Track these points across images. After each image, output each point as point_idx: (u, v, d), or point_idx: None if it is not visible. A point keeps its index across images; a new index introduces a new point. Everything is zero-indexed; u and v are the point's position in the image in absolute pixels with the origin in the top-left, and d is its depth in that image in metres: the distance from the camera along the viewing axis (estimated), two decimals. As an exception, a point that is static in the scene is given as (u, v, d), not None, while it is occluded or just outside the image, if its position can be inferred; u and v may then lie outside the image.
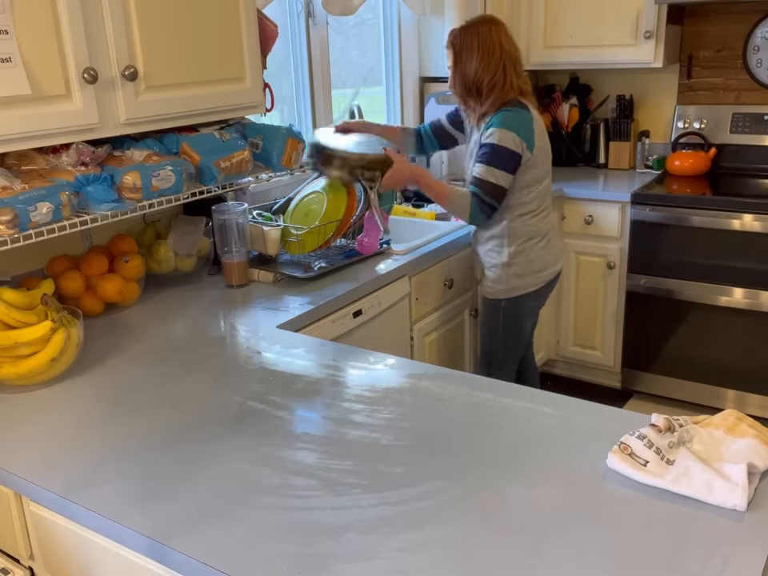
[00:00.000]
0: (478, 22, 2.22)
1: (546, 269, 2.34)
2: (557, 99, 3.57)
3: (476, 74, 2.20)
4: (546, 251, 2.33)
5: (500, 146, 2.15)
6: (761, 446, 1.08)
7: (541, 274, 2.34)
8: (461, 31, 2.23)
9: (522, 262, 2.30)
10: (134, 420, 1.33)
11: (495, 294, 2.36)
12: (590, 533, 0.97)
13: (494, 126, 2.17)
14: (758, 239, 2.79)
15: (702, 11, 3.31)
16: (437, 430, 1.25)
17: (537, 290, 2.35)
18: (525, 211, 2.27)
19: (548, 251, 2.34)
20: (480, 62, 2.19)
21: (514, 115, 2.18)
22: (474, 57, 2.19)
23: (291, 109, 2.86)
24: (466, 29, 2.22)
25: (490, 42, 2.19)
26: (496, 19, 2.25)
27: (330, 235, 2.22)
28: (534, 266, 2.32)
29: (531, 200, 2.27)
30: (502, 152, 2.15)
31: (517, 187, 2.23)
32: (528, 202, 2.26)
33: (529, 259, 2.30)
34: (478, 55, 2.19)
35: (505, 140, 2.15)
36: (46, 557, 1.26)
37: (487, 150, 2.17)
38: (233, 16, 1.84)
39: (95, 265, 1.85)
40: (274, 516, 1.04)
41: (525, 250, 2.29)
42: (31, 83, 1.44)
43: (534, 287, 2.34)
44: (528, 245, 2.29)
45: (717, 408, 2.77)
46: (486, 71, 2.19)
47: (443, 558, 0.94)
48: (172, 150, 1.81)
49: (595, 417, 1.27)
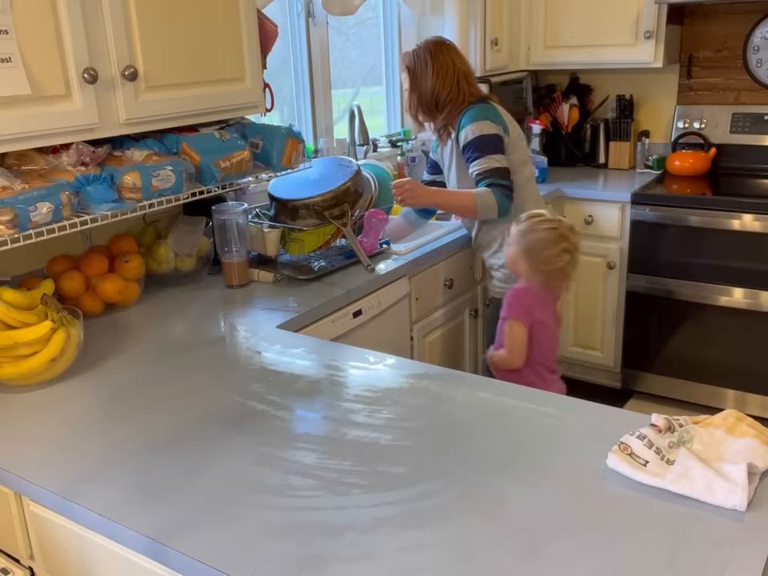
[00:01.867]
0: (429, 44, 2.32)
1: None
2: (557, 99, 3.57)
3: (433, 90, 2.29)
4: None
5: (482, 136, 2.22)
6: (761, 446, 1.08)
7: None
8: (414, 54, 2.33)
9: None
10: (134, 420, 1.33)
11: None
12: (589, 533, 0.97)
13: (466, 124, 2.25)
14: (758, 239, 2.79)
15: (702, 11, 3.31)
16: (437, 430, 1.25)
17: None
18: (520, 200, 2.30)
19: None
20: (436, 79, 2.28)
21: (479, 109, 2.26)
22: (430, 76, 2.29)
23: (291, 109, 2.86)
24: (417, 51, 2.32)
25: (443, 61, 2.29)
26: (445, 40, 2.36)
27: (330, 235, 2.22)
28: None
29: (522, 185, 2.31)
30: (486, 140, 2.22)
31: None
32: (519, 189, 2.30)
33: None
34: (434, 74, 2.28)
35: (483, 129, 2.23)
36: (45, 557, 1.26)
37: (472, 145, 2.23)
38: (233, 16, 1.83)
39: (95, 265, 1.85)
40: (274, 516, 1.04)
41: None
42: (31, 83, 1.44)
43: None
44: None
45: (717, 408, 2.76)
46: (442, 88, 2.29)
47: (443, 558, 0.94)
48: (172, 149, 1.80)
49: (595, 417, 1.27)
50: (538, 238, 1.97)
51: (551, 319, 2.04)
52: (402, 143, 3.23)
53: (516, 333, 2.00)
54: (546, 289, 2.01)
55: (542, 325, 2.01)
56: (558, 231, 1.97)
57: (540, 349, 2.03)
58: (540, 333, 2.02)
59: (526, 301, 2.01)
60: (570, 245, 1.96)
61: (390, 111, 3.42)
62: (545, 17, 3.35)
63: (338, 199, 2.16)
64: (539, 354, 2.03)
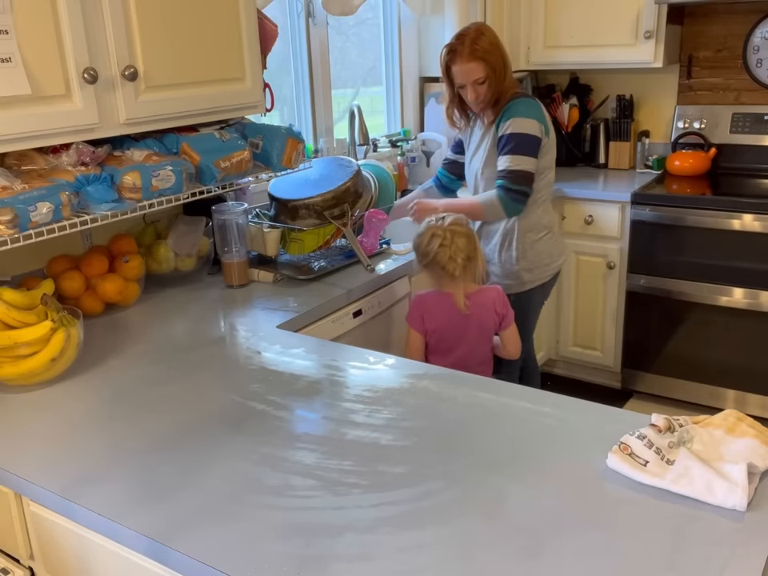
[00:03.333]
0: (489, 32, 2.23)
1: (553, 261, 2.39)
2: (557, 99, 3.56)
3: (507, 83, 2.25)
4: (552, 243, 2.37)
5: (523, 134, 2.19)
6: (761, 446, 1.08)
7: (550, 266, 2.38)
8: (490, 45, 2.21)
9: (531, 256, 2.33)
10: (134, 420, 1.33)
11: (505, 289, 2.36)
12: (589, 533, 0.97)
13: (512, 116, 2.21)
14: (758, 239, 2.79)
15: (702, 11, 3.31)
16: (437, 429, 1.25)
17: (544, 283, 2.39)
18: (534, 199, 2.29)
19: (554, 243, 2.38)
20: (509, 71, 2.26)
21: (527, 103, 2.24)
22: (507, 69, 2.25)
23: (291, 109, 2.86)
24: (491, 42, 2.21)
25: (505, 51, 2.26)
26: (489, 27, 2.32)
27: (330, 235, 2.22)
28: (543, 259, 2.35)
29: (541, 188, 2.30)
30: (525, 139, 2.20)
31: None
32: (538, 190, 2.29)
33: (537, 252, 2.33)
34: (507, 66, 2.25)
35: (526, 127, 2.20)
36: (45, 557, 1.26)
37: (511, 139, 2.20)
38: (233, 16, 1.83)
39: (95, 265, 1.85)
40: (274, 516, 1.04)
41: (534, 243, 2.32)
42: (31, 83, 1.44)
43: (542, 281, 2.38)
44: (536, 237, 2.33)
45: (717, 408, 2.76)
46: (512, 79, 2.27)
47: (443, 558, 0.94)
48: (172, 149, 1.80)
49: (595, 417, 1.27)
50: (416, 235, 2.02)
51: (451, 322, 2.03)
52: (401, 143, 3.24)
53: (409, 339, 2.05)
54: (440, 292, 2.02)
55: (436, 334, 2.04)
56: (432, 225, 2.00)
57: (440, 355, 2.05)
58: (435, 341, 2.05)
59: (418, 310, 2.04)
60: (440, 230, 1.96)
61: (390, 111, 3.42)
62: (545, 17, 3.35)
63: (338, 199, 2.16)
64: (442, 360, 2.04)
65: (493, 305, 2.06)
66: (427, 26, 3.30)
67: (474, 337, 2.06)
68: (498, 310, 2.07)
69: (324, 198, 2.14)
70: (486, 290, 2.08)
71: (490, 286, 2.13)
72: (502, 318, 2.08)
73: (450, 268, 1.96)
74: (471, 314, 2.03)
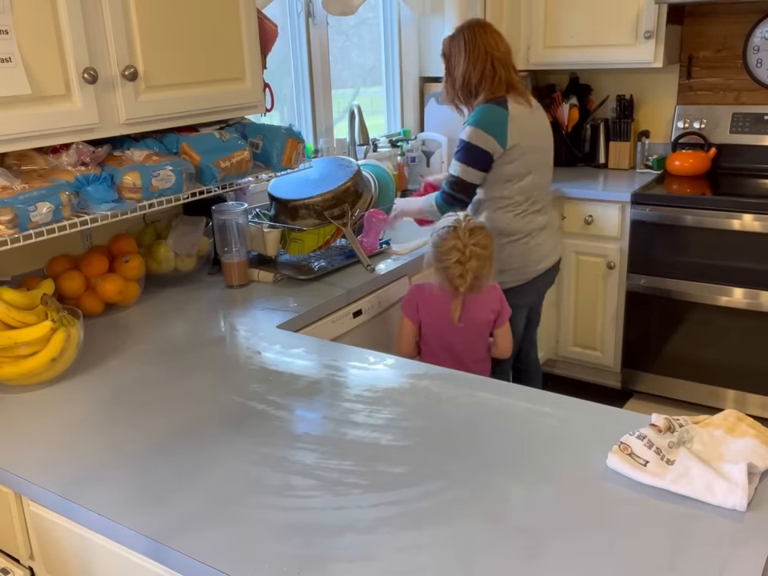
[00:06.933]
0: (464, 27, 2.31)
1: (526, 266, 2.34)
2: (557, 99, 3.57)
3: (464, 75, 2.28)
4: (527, 249, 2.32)
5: (471, 144, 2.22)
6: (761, 446, 1.08)
7: (520, 270, 2.33)
8: (450, 39, 2.33)
9: (501, 258, 2.28)
10: (134, 420, 1.33)
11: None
12: (589, 533, 0.97)
13: (469, 122, 2.24)
14: (758, 239, 2.79)
15: (701, 11, 3.31)
16: (437, 430, 1.25)
17: (517, 287, 2.34)
18: (504, 204, 2.29)
19: (530, 249, 2.33)
20: (467, 63, 2.27)
21: (488, 112, 2.23)
22: (462, 60, 2.28)
23: (291, 109, 2.86)
24: (453, 37, 2.32)
25: (475, 44, 2.27)
26: (481, 21, 2.35)
27: (330, 235, 2.22)
28: (512, 263, 2.32)
29: (512, 194, 2.28)
30: (472, 150, 2.22)
31: (495, 180, 2.27)
32: (508, 197, 2.28)
33: (507, 254, 2.31)
34: (465, 58, 2.27)
35: (475, 138, 2.21)
36: (45, 557, 1.26)
37: (460, 146, 2.26)
38: (233, 16, 1.83)
39: (95, 265, 1.85)
40: (273, 516, 1.04)
41: (503, 245, 2.29)
42: (31, 83, 1.44)
43: (514, 284, 2.33)
44: (506, 240, 2.30)
45: (717, 408, 2.76)
46: (473, 71, 2.27)
47: (443, 558, 0.94)
48: (172, 149, 1.80)
49: (595, 417, 1.27)
50: (438, 235, 2.03)
51: (442, 321, 2.04)
52: (401, 143, 3.23)
53: (402, 327, 2.09)
54: (444, 290, 2.02)
55: (428, 326, 2.06)
56: (453, 230, 2.00)
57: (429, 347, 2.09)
58: (426, 333, 2.08)
59: (415, 299, 2.06)
60: (461, 244, 1.97)
61: (390, 111, 3.42)
62: (545, 17, 3.35)
63: (338, 199, 2.16)
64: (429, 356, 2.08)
65: (490, 302, 2.07)
66: (427, 26, 3.30)
67: (470, 333, 2.07)
68: (493, 308, 2.08)
69: (324, 198, 2.14)
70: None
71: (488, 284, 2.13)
72: (497, 315, 2.09)
73: (456, 283, 1.99)
74: (467, 310, 2.04)
